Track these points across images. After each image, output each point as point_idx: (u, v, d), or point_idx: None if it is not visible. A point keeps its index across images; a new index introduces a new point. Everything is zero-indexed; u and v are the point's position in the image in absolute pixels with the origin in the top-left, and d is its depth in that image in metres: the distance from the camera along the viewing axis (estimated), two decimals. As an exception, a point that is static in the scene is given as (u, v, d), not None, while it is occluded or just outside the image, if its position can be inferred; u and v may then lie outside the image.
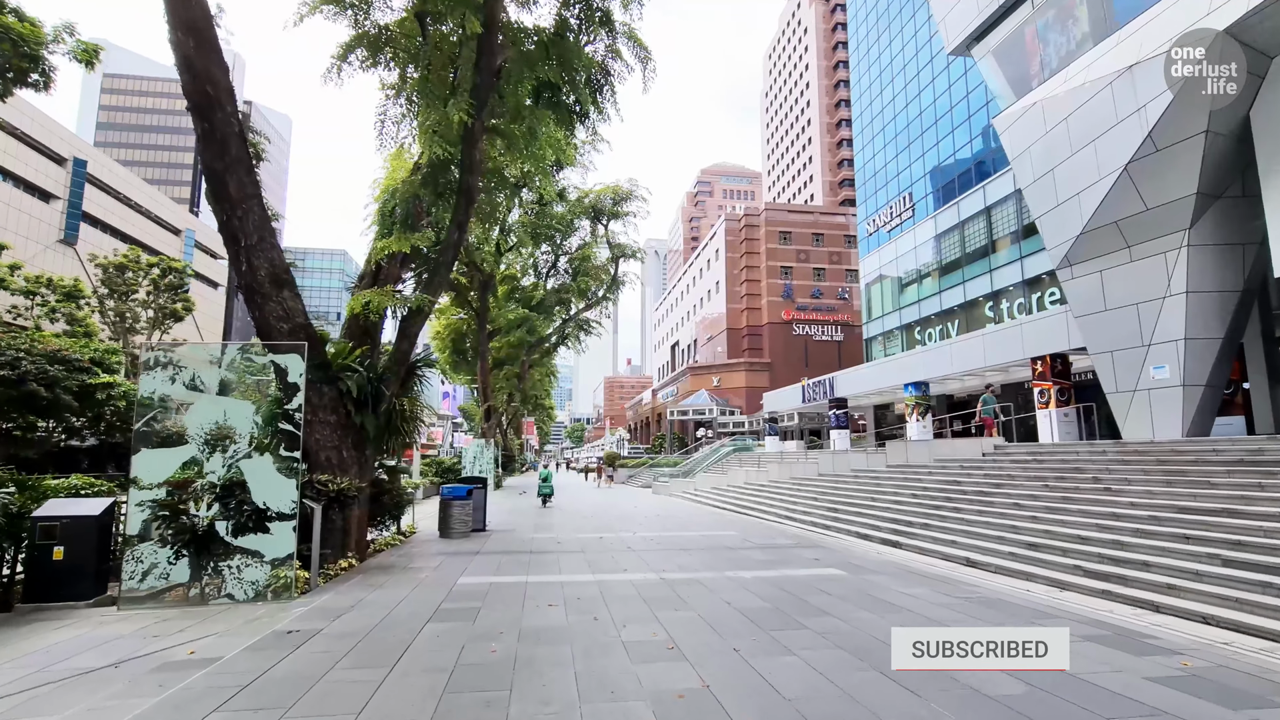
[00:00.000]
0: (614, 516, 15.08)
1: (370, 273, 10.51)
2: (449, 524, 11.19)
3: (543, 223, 28.66)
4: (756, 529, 12.37)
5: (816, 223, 58.78)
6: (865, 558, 8.81)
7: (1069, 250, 13.75)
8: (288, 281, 8.44)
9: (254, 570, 6.17)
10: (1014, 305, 25.69)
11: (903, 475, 13.24)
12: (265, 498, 6.26)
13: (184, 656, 4.39)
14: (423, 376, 10.05)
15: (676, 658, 4.36)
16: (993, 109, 26.88)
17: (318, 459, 8.49)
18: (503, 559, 8.81)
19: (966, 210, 28.38)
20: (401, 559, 8.83)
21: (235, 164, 8.00)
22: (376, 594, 6.45)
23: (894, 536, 10.02)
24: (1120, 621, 5.42)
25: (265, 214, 8.33)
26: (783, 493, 16.62)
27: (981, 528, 9.03)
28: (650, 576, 7.43)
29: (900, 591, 6.59)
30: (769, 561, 8.52)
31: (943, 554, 8.73)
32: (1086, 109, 13.04)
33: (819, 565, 8.22)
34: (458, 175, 9.30)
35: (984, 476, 11.06)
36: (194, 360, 6.49)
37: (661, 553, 9.32)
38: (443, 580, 7.22)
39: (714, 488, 22.00)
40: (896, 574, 7.60)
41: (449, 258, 9.34)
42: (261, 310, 8.20)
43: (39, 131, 42.36)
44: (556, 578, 7.38)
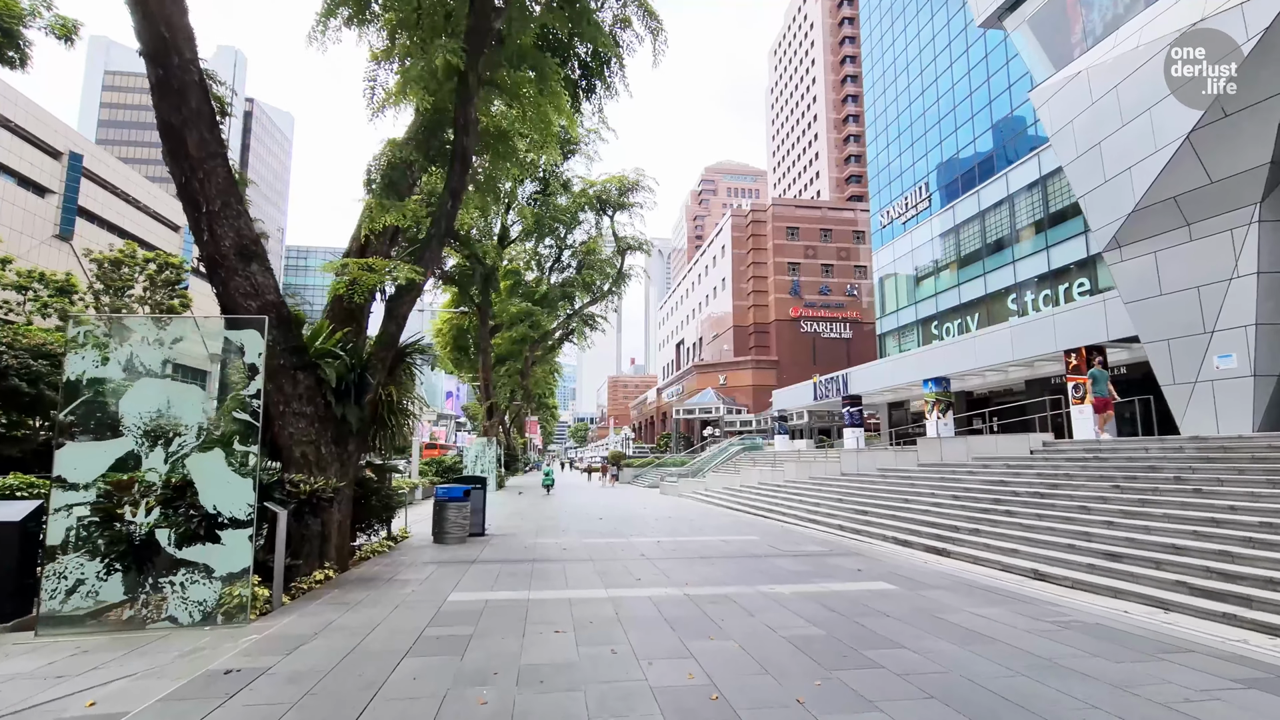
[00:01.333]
0: (623, 519, 14.04)
1: (355, 250, 9.48)
2: (444, 528, 10.16)
3: (547, 213, 27.68)
4: (780, 533, 11.32)
5: (824, 218, 57.62)
6: (913, 568, 7.75)
7: (1118, 230, 12.65)
8: (257, 254, 7.43)
9: (201, 588, 5.14)
10: (1039, 297, 24.55)
11: (938, 475, 12.16)
12: (216, 500, 5.23)
13: (78, 711, 3.37)
14: (414, 364, 9.03)
15: (725, 715, 3.31)
16: (1017, 92, 25.76)
17: (292, 456, 7.48)
18: (502, 569, 7.77)
19: (987, 199, 27.24)
20: (388, 569, 7.81)
21: (195, 118, 6.98)
22: (349, 615, 5.41)
23: (938, 543, 8.94)
24: (1268, 657, 4.35)
25: (230, 176, 7.32)
26: (803, 494, 15.55)
27: (1044, 534, 7.95)
28: (672, 592, 6.38)
29: (972, 613, 5.52)
30: (805, 573, 7.46)
31: (1002, 564, 7.65)
32: (1141, 75, 11.94)
33: (864, 578, 7.16)
34: (452, 138, 8.27)
35: (1036, 476, 9.96)
36: (131, 335, 5.46)
37: (680, 562, 8.27)
38: (431, 596, 6.19)
39: (726, 488, 20.94)
40: (957, 589, 6.54)
41: (442, 229, 8.31)
42: (225, 286, 7.18)
43: (33, 124, 41.53)
44: (563, 593, 6.34)
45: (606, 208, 29.64)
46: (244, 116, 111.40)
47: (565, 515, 15.04)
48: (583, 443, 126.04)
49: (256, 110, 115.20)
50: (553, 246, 30.87)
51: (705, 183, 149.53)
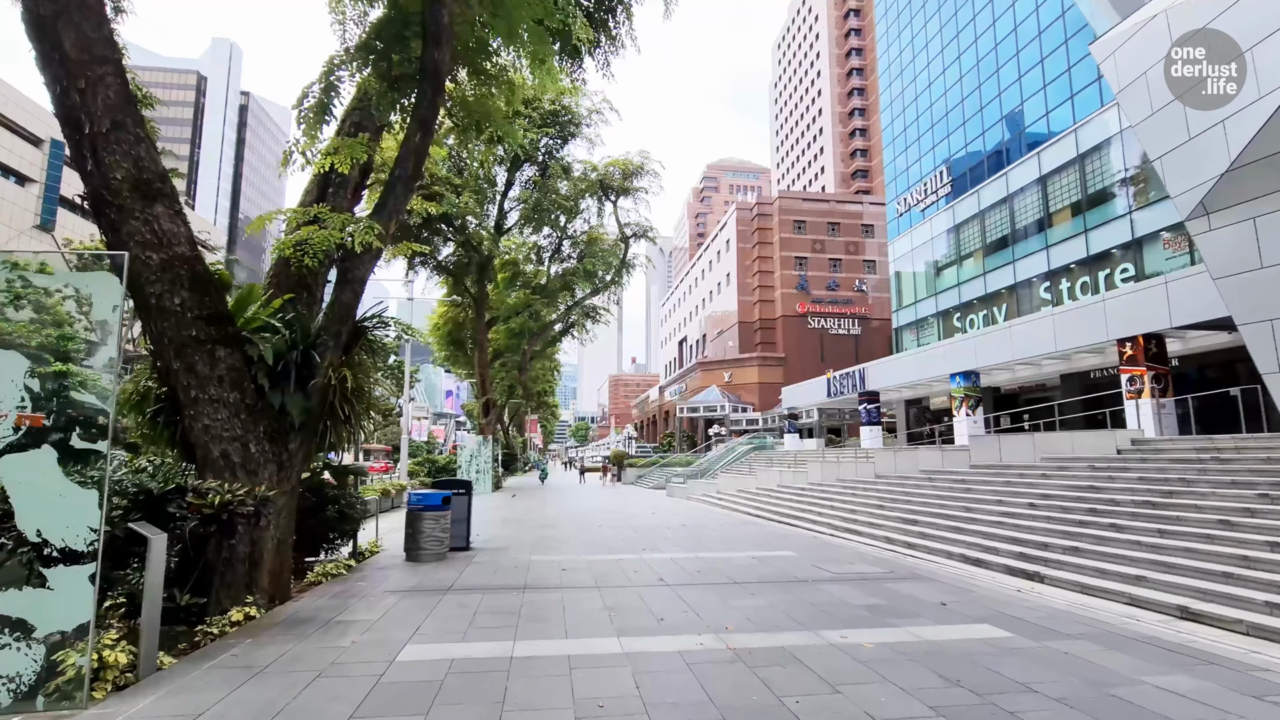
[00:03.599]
0: (630, 528, 12.30)
1: (309, 205, 7.74)
2: (418, 543, 8.43)
3: (546, 199, 25.94)
4: (818, 547, 9.58)
5: (832, 211, 55.86)
6: (1011, 600, 6.01)
7: (1206, 195, 10.89)
8: (163, 193, 5.70)
9: (13, 655, 3.42)
10: (1076, 285, 22.80)
11: (1001, 479, 10.43)
12: (42, 523, 3.50)
13: None
14: (375, 341, 7.29)
15: None
16: (1050, 66, 24.00)
17: (209, 455, 5.76)
18: (483, 601, 6.04)
19: (1016, 181, 25.47)
20: (335, 602, 6.07)
21: (76, 8, 5.27)
22: (245, 692, 3.68)
23: (1025, 564, 7.22)
24: None
25: (126, 91, 5.59)
26: (831, 499, 13.82)
27: (1175, 556, 6.22)
28: (710, 644, 4.65)
29: (1157, 686, 3.79)
30: (877, 610, 5.72)
31: (1127, 595, 5.92)
32: (1239, 10, 10.21)
33: (959, 617, 5.43)
34: (419, 52, 6.52)
35: (1139, 481, 8.23)
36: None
37: (710, 590, 6.54)
38: (374, 653, 4.45)
39: (740, 490, 19.20)
40: (1097, 637, 4.81)
41: (408, 171, 6.57)
42: (116, 230, 5.46)
43: (12, 110, 39.76)
44: (560, 646, 4.60)
45: (609, 193, 27.91)
46: (239, 110, 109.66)
47: (564, 523, 13.29)
48: (583, 442, 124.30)
49: (252, 104, 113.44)
50: (552, 236, 29.13)
51: (707, 180, 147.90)
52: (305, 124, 6.46)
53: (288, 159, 7.20)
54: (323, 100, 6.43)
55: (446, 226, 25.18)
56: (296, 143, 7.03)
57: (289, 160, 7.22)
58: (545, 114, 25.02)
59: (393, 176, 6.62)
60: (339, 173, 7.32)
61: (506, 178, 27.06)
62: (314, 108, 6.38)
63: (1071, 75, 22.88)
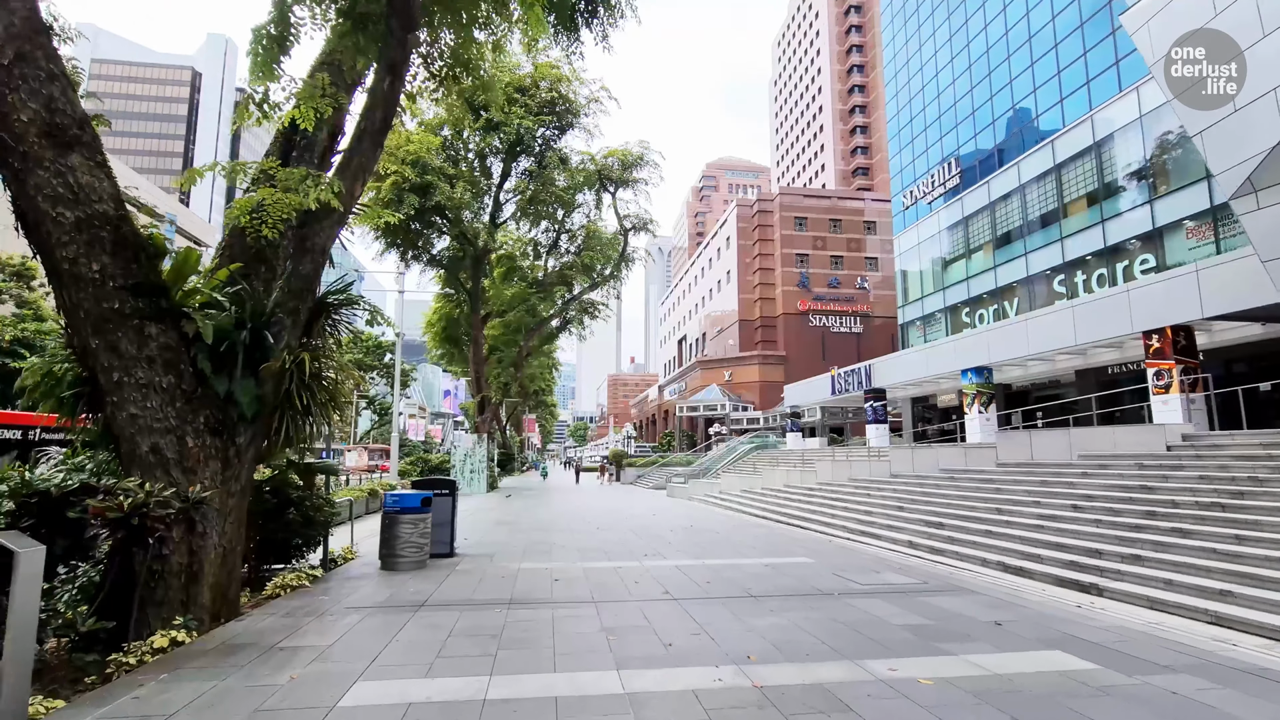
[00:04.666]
0: (631, 530, 11.43)
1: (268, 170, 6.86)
2: (394, 549, 7.56)
3: (543, 190, 25.08)
4: (833, 552, 8.72)
5: (834, 208, 55.03)
6: (1079, 621, 5.16)
7: (1254, 171, 10.07)
8: (82, 141, 4.84)
9: None
10: (1092, 277, 21.97)
11: (1034, 478, 9.58)
12: None
13: None
14: (340, 320, 6.42)
15: None
16: (1065, 50, 23.16)
17: (135, 449, 4.90)
18: (459, 622, 5.17)
19: (1029, 172, 24.66)
20: (286, 622, 5.19)
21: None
22: (132, 752, 2.82)
23: (1078, 574, 6.37)
24: None
25: (37, 18, 4.74)
26: (844, 499, 12.98)
27: (1264, 566, 5.37)
28: (730, 677, 3.80)
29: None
30: (921, 630, 4.87)
31: (1210, 614, 5.08)
32: (1292, -33, 9.39)
33: (1024, 643, 4.58)
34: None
35: (1199, 480, 7.38)
36: None
37: (723, 606, 5.68)
38: (315, 694, 3.58)
39: (745, 490, 18.36)
40: (1206, 671, 3.95)
41: (375, 122, 5.71)
42: (21, 183, 4.60)
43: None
44: (546, 684, 3.74)
45: (608, 184, 27.05)
46: (234, 106, 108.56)
47: (559, 525, 12.42)
48: (582, 442, 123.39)
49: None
50: (550, 230, 28.26)
51: (706, 179, 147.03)
52: (256, 59, 5.56)
53: (244, 113, 6.34)
54: (276, 32, 5.54)
55: (441, 219, 24.32)
56: (253, 95, 6.16)
57: (246, 115, 6.36)
58: (542, 103, 24.19)
59: (359, 129, 5.76)
60: (304, 131, 6.45)
61: (502, 169, 26.18)
62: (262, 36, 5.47)
63: (1088, 60, 22.06)
